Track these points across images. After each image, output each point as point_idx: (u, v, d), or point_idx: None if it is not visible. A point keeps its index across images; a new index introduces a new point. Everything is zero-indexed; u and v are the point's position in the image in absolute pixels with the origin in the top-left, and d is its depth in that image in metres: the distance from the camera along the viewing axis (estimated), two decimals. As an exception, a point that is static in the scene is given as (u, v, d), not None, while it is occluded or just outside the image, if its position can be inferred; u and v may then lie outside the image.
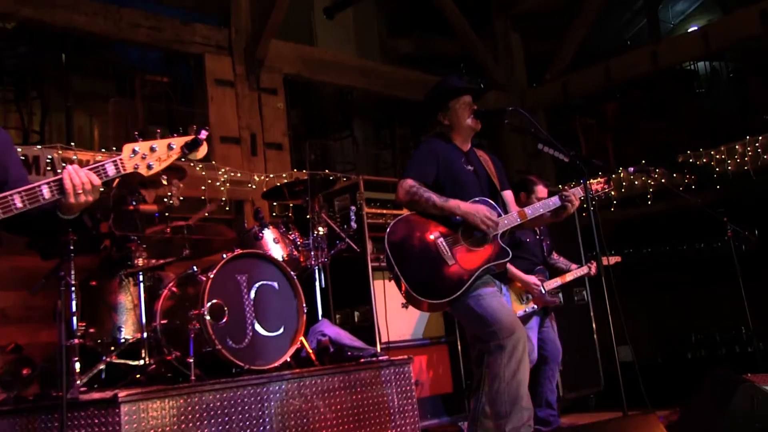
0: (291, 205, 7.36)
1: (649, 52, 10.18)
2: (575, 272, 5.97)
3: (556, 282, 5.76)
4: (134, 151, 2.70)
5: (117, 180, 4.52)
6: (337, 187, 6.79)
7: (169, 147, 2.76)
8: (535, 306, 5.59)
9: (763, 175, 8.70)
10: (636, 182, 9.47)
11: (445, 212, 3.85)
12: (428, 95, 4.23)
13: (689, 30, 13.56)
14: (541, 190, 5.67)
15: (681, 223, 9.58)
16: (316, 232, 5.54)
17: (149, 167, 2.72)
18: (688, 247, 11.01)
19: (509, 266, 5.45)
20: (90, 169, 2.62)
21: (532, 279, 5.60)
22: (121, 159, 2.68)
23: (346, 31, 11.43)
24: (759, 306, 6.27)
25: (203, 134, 2.77)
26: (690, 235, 10.58)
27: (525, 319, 5.53)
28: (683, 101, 12.73)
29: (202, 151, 2.80)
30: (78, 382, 4.13)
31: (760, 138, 8.76)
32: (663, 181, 8.64)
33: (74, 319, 4.31)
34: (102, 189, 2.71)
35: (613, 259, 6.10)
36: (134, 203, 4.77)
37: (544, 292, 5.61)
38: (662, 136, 11.73)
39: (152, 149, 2.72)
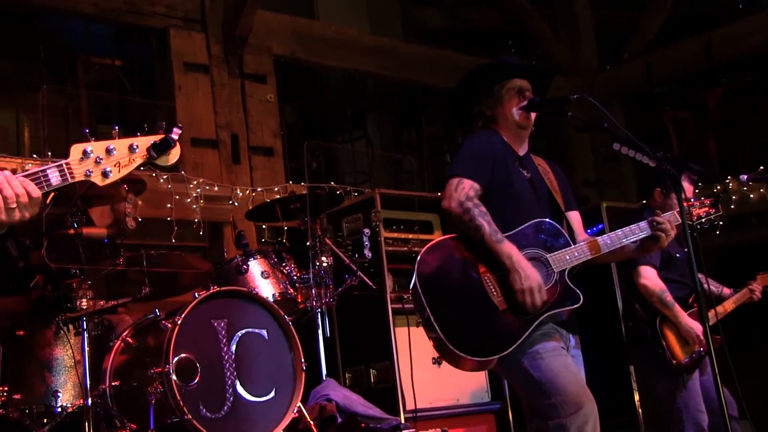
0: (285, 228, 7.37)
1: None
2: (737, 298, 5.84)
3: (718, 312, 5.58)
4: (85, 154, 2.69)
5: (52, 195, 4.54)
6: (346, 204, 6.80)
7: (131, 149, 2.76)
8: (702, 349, 5.41)
9: None
10: (751, 195, 9.35)
11: (490, 253, 3.72)
12: (467, 76, 4.18)
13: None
14: (687, 188, 5.42)
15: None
16: (318, 264, 5.54)
17: (105, 174, 2.71)
18: (826, 287, 10.84)
19: (672, 303, 5.31)
20: (26, 177, 2.61)
21: (696, 327, 5.35)
22: (68, 163, 2.67)
23: (356, -1, 11.50)
24: None
25: (176, 132, 2.77)
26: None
27: (693, 365, 5.39)
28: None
29: (175, 154, 2.80)
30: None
31: None
32: (790, 194, 8.56)
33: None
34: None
35: None
36: (76, 225, 4.78)
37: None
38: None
39: (109, 151, 2.72)
